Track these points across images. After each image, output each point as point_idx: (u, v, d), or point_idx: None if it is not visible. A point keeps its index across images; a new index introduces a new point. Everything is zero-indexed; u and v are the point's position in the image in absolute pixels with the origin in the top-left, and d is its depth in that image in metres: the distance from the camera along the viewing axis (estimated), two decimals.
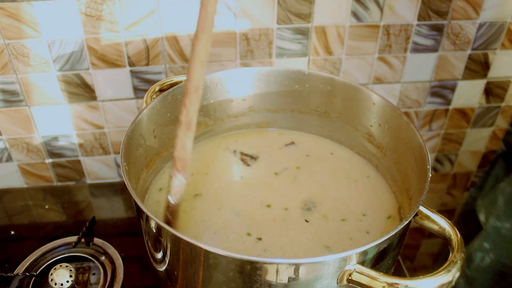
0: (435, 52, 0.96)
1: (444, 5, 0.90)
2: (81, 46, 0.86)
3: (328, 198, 0.72)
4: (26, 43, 0.84)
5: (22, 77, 0.88)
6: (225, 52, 0.90)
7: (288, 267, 0.49)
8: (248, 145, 0.81)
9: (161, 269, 0.61)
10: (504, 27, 0.94)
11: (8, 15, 0.80)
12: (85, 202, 0.96)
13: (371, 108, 0.74)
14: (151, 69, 0.91)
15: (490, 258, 0.76)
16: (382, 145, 0.75)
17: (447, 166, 1.16)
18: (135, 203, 0.57)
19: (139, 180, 0.69)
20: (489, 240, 0.76)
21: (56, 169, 1.02)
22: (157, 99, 0.71)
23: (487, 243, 0.76)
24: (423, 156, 0.62)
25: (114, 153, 1.02)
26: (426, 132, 1.09)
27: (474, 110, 1.07)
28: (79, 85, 0.91)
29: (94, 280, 0.78)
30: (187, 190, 0.72)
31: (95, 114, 0.95)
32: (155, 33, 0.86)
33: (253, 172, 0.77)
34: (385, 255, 0.55)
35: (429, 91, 1.02)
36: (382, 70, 0.97)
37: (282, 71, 0.78)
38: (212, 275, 0.53)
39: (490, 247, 0.76)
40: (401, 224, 0.53)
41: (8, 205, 0.95)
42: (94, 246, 0.83)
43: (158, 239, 0.56)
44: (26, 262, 0.80)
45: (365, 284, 0.50)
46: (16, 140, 0.96)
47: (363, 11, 0.88)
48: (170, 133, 0.76)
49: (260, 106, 0.81)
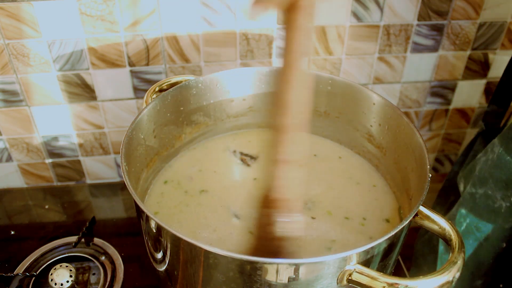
0: (435, 52, 0.96)
1: (444, 5, 0.90)
2: (81, 46, 0.86)
3: (328, 198, 0.72)
4: (26, 43, 0.84)
5: (22, 77, 0.88)
6: (225, 52, 0.90)
7: (288, 267, 0.49)
8: (248, 145, 0.81)
9: (161, 269, 0.61)
10: (504, 27, 0.94)
11: (8, 15, 0.80)
12: (85, 202, 0.96)
13: (371, 108, 0.74)
14: (151, 69, 0.91)
15: (466, 222, 0.78)
16: (382, 145, 0.75)
17: (447, 166, 1.16)
18: (135, 203, 0.57)
19: (139, 180, 0.69)
20: (465, 206, 0.78)
21: (56, 169, 1.02)
22: (157, 99, 0.71)
23: (464, 209, 0.78)
24: (423, 156, 0.62)
25: (114, 153, 1.02)
26: (426, 132, 1.09)
27: (474, 110, 1.07)
28: (79, 85, 0.91)
29: (94, 280, 0.78)
30: (193, 186, 0.72)
31: (95, 114, 0.95)
32: (155, 33, 0.86)
33: (253, 172, 0.77)
34: (385, 255, 0.55)
35: (429, 91, 1.02)
36: (382, 70, 0.97)
37: None
38: (212, 275, 0.53)
39: (467, 212, 0.78)
40: (401, 224, 0.53)
41: (8, 205, 0.95)
42: (94, 246, 0.83)
43: (158, 239, 0.56)
44: (26, 262, 0.80)
45: (365, 284, 0.50)
46: (16, 140, 0.96)
47: (363, 11, 0.88)
48: (170, 133, 0.76)
49: (260, 106, 0.81)
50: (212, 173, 0.76)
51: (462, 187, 0.82)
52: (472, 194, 0.76)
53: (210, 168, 0.77)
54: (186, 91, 0.75)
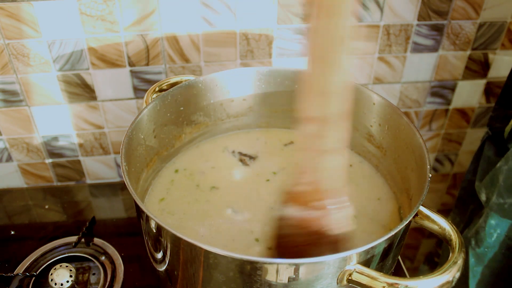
0: (435, 52, 0.96)
1: (444, 5, 0.90)
2: (81, 46, 0.86)
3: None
4: (26, 43, 0.84)
5: (22, 77, 0.88)
6: (225, 52, 0.90)
7: (288, 267, 0.49)
8: (247, 145, 0.81)
9: (161, 269, 0.61)
10: (504, 27, 0.94)
11: (8, 15, 0.80)
12: (85, 202, 0.96)
13: (371, 108, 0.74)
14: (151, 69, 0.91)
15: (497, 233, 0.78)
16: (382, 145, 0.75)
17: (447, 166, 1.16)
18: (135, 203, 0.57)
19: (139, 180, 0.69)
20: (494, 217, 0.78)
21: (56, 169, 1.02)
22: (157, 99, 0.71)
23: (493, 220, 0.78)
24: (423, 156, 0.62)
25: (114, 153, 1.02)
26: (426, 132, 1.09)
27: (474, 110, 1.07)
28: (79, 85, 0.91)
29: (94, 280, 0.78)
30: (205, 183, 0.72)
31: (95, 114, 0.95)
32: (155, 33, 0.86)
33: (252, 172, 0.77)
34: (385, 255, 0.55)
35: (429, 91, 1.02)
36: (382, 70, 0.97)
37: (282, 71, 0.78)
38: (212, 275, 0.53)
39: (496, 223, 0.78)
40: (401, 224, 0.53)
41: (8, 205, 0.95)
42: (94, 246, 0.83)
43: (158, 239, 0.56)
44: (26, 262, 0.80)
45: (365, 284, 0.50)
46: (16, 140, 0.96)
47: (363, 11, 0.88)
48: (170, 133, 0.76)
49: (260, 106, 0.81)
50: (211, 172, 0.76)
51: (484, 196, 0.81)
52: (501, 204, 0.76)
53: (209, 167, 0.77)
54: (186, 91, 0.75)
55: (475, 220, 0.85)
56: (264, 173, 0.76)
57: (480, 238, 0.80)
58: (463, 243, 0.53)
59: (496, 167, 0.78)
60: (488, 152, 0.86)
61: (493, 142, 0.87)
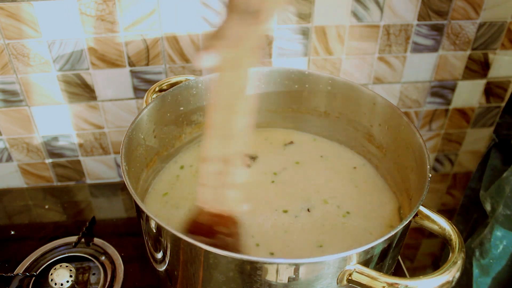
0: (435, 52, 0.96)
1: (444, 5, 0.90)
2: (81, 46, 0.86)
3: (328, 198, 0.72)
4: (26, 43, 0.84)
5: (22, 77, 0.88)
6: None
7: (288, 267, 0.49)
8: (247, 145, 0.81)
9: (161, 269, 0.61)
10: (504, 27, 0.94)
11: (8, 15, 0.80)
12: (85, 202, 0.96)
13: (371, 108, 0.74)
14: (151, 69, 0.91)
15: (503, 245, 0.77)
16: (382, 145, 0.75)
17: (447, 166, 1.16)
18: (135, 203, 0.57)
19: (139, 180, 0.69)
20: (500, 229, 0.77)
21: (56, 169, 1.02)
22: (157, 99, 0.71)
23: (499, 231, 0.77)
24: (423, 156, 0.62)
25: (114, 153, 1.02)
26: (426, 132, 1.09)
27: (474, 110, 1.07)
28: (79, 85, 0.91)
29: (94, 280, 0.78)
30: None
31: (95, 114, 0.95)
32: (155, 33, 0.86)
33: (252, 172, 0.76)
34: (385, 255, 0.55)
35: (429, 91, 1.02)
36: (382, 70, 0.97)
37: (282, 71, 0.78)
38: (212, 275, 0.53)
39: (503, 235, 0.77)
40: (401, 224, 0.53)
41: (8, 205, 0.95)
42: (94, 246, 0.83)
43: (158, 239, 0.56)
44: (26, 262, 0.80)
45: (365, 284, 0.50)
46: (16, 140, 0.96)
47: (363, 11, 0.88)
48: (170, 133, 0.76)
49: (260, 106, 0.81)
50: None
51: (489, 206, 0.81)
52: (508, 216, 0.75)
53: None
54: (186, 91, 0.75)
55: (479, 230, 0.84)
56: (265, 174, 0.76)
57: (485, 249, 0.79)
58: (463, 243, 0.53)
59: (503, 177, 0.77)
60: (495, 160, 0.85)
61: (499, 150, 0.86)
